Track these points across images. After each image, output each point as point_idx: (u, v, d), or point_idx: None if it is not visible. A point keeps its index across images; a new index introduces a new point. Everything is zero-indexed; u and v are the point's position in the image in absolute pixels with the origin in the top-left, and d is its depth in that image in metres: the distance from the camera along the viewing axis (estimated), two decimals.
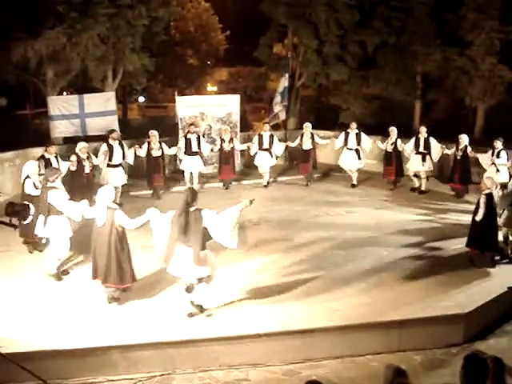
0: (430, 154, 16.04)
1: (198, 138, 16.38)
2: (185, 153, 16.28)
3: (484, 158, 15.01)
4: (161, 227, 8.55)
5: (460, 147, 15.48)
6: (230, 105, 18.84)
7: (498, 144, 14.59)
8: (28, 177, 11.29)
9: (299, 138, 17.31)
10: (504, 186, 11.80)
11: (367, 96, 23.54)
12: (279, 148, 17.44)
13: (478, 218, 10.43)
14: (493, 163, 14.57)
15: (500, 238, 10.96)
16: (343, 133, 17.28)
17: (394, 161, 16.56)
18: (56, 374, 7.52)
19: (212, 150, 17.00)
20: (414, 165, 16.43)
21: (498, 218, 10.78)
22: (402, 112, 22.73)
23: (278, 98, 20.34)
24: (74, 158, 13.62)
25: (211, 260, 8.67)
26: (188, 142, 16.19)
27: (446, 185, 16.43)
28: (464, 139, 15.44)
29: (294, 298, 9.27)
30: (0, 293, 9.44)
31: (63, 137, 17.79)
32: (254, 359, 7.99)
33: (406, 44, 20.37)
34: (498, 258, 10.84)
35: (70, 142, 16.51)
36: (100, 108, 17.87)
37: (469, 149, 15.34)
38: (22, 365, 7.17)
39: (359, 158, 17.03)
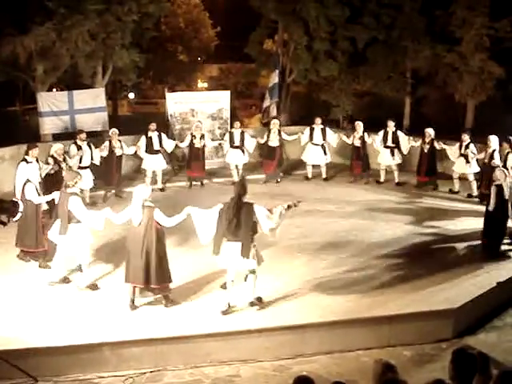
0: (398, 147, 16.50)
1: (160, 135, 15.92)
2: (146, 151, 15.79)
3: (452, 150, 15.67)
4: (205, 222, 8.63)
5: (427, 140, 15.98)
6: (221, 101, 18.81)
7: (466, 137, 15.26)
8: (29, 181, 10.47)
9: (266, 134, 17.01)
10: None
11: (357, 92, 23.60)
12: (250, 145, 17.04)
13: (491, 207, 11.12)
14: (461, 155, 15.26)
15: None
16: (308, 128, 17.20)
17: (361, 155, 16.77)
18: (47, 371, 7.50)
19: (177, 146, 16.62)
20: (384, 159, 16.77)
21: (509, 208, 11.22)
22: (392, 108, 22.76)
23: (267, 94, 20.33)
24: (51, 160, 13.29)
25: (258, 253, 8.75)
26: (149, 141, 15.72)
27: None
28: (430, 132, 16.00)
29: (284, 294, 9.29)
30: None
31: (53, 133, 17.68)
32: (244, 355, 8.00)
33: (396, 40, 20.40)
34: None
35: (60, 138, 16.40)
36: (90, 104, 17.81)
37: (435, 142, 15.86)
38: (13, 362, 7.19)
39: (325, 153, 17.00)
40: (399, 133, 16.66)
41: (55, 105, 17.43)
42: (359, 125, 16.78)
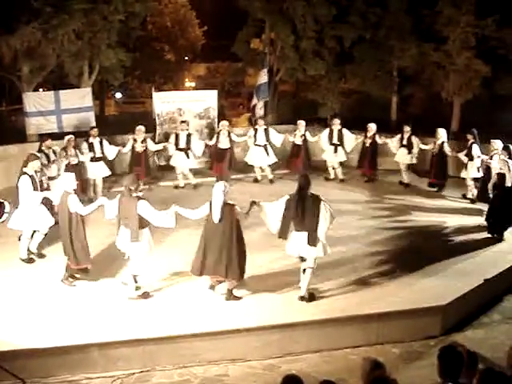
0: (342, 145, 16.79)
1: (101, 141, 15.12)
2: (91, 160, 15.08)
3: (394, 143, 16.48)
4: (273, 213, 9.04)
5: (369, 135, 16.65)
6: (208, 100, 18.76)
7: (407, 129, 16.20)
8: (68, 192, 9.74)
9: (216, 136, 16.66)
10: None
11: (344, 91, 23.63)
12: (198, 147, 16.45)
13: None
14: (403, 146, 16.22)
15: None
16: (252, 129, 16.97)
17: (301, 153, 16.91)
18: (35, 372, 7.48)
19: (120, 152, 15.60)
20: (329, 156, 17.03)
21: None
22: (379, 106, 22.86)
23: (255, 94, 20.30)
24: (63, 153, 13.58)
25: (326, 244, 9.11)
26: (91, 147, 14.81)
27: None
28: (372, 127, 16.66)
29: (273, 293, 9.30)
30: None
31: (39, 134, 17.57)
32: (233, 355, 8.01)
33: (383, 39, 20.45)
34: None
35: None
36: (76, 104, 17.72)
37: (377, 136, 16.58)
38: (0, 364, 7.14)
39: (268, 155, 16.76)
40: (344, 130, 16.92)
41: (41, 105, 17.33)
42: (301, 124, 17.03)
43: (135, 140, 15.63)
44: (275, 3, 20.76)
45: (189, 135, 16.21)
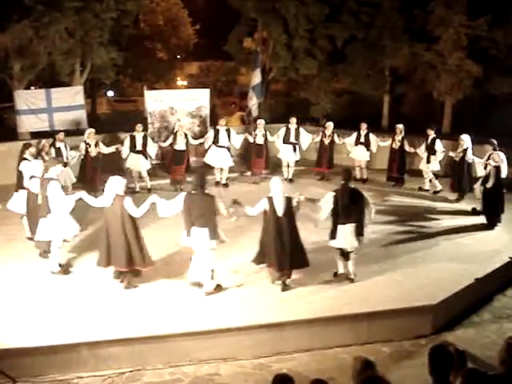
0: (299, 144, 17.07)
1: (65, 146, 14.53)
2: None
3: (350, 142, 17.13)
4: (326, 206, 9.48)
5: (327, 133, 17.06)
6: (200, 99, 18.73)
7: (364, 126, 16.87)
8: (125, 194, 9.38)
9: (172, 137, 16.21)
10: None
11: (337, 90, 23.68)
12: (152, 149, 16.11)
13: (489, 185, 12.66)
14: (360, 143, 16.88)
15: None
16: (212, 130, 16.80)
17: (263, 153, 16.94)
18: (24, 371, 7.44)
19: (72, 158, 14.68)
20: (285, 155, 17.19)
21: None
22: (371, 106, 22.90)
23: (251, 93, 20.34)
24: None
25: None
26: (58, 151, 14.14)
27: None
28: (331, 125, 17.10)
29: (263, 292, 9.30)
30: None
31: (30, 132, 17.52)
32: (224, 354, 8.00)
33: (375, 39, 20.52)
34: None
35: (38, 137, 16.20)
36: (68, 102, 17.68)
37: (335, 135, 17.10)
38: None
39: (231, 156, 16.72)
40: (301, 129, 17.19)
41: (33, 103, 17.28)
42: (261, 123, 17.11)
43: (88, 144, 14.85)
44: (268, 2, 20.79)
45: (145, 137, 15.84)
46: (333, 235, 9.57)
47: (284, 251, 9.15)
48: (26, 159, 11.37)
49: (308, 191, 13.34)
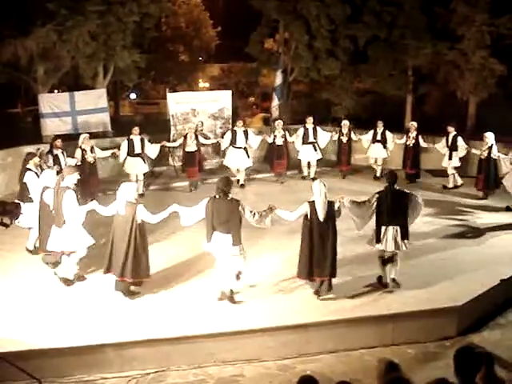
0: (317, 143, 17.27)
1: (63, 153, 14.03)
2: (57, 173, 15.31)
3: (365, 139, 17.53)
4: (361, 211, 9.47)
5: (344, 132, 17.35)
6: (222, 101, 18.78)
7: (380, 124, 17.24)
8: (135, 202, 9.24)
9: (182, 138, 16.28)
10: None
11: (359, 90, 23.56)
12: (153, 151, 15.96)
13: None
14: (376, 141, 17.26)
15: None
16: (229, 131, 16.90)
17: (285, 154, 17.04)
18: (50, 372, 7.51)
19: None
20: (306, 155, 17.32)
21: None
22: (393, 106, 22.75)
23: (274, 94, 20.51)
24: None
25: None
26: (56, 159, 13.81)
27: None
28: (347, 123, 17.52)
29: (287, 293, 9.29)
30: None
31: (55, 135, 17.68)
32: (248, 355, 8.01)
33: (397, 38, 20.36)
34: None
35: (62, 140, 16.33)
36: (91, 105, 17.86)
37: (352, 133, 17.55)
38: (16, 364, 7.19)
39: (248, 157, 16.67)
40: (318, 128, 17.36)
41: (57, 106, 17.48)
42: (280, 123, 17.19)
43: (84, 150, 14.52)
44: (289, 3, 20.76)
45: (142, 140, 15.64)
46: (377, 238, 9.42)
47: (324, 258, 9.01)
48: (29, 169, 10.97)
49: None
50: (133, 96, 39.48)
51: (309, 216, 9.00)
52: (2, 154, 15.99)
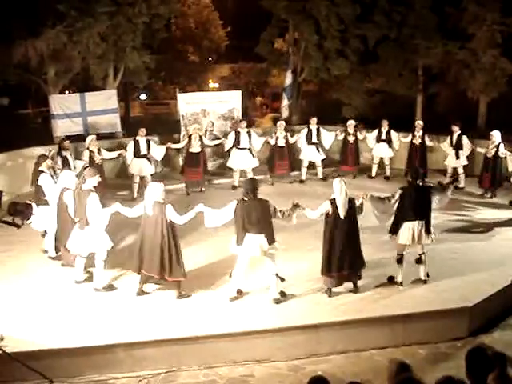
0: (321, 144, 17.25)
1: (71, 154, 14.15)
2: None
3: (370, 138, 17.54)
4: (383, 208, 9.64)
5: (351, 132, 17.22)
6: (232, 101, 18.80)
7: (385, 123, 17.27)
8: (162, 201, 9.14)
9: (187, 140, 16.09)
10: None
11: (369, 90, 23.50)
12: (159, 152, 15.93)
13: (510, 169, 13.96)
14: (381, 140, 17.26)
15: None
16: (232, 132, 16.73)
17: (286, 155, 16.96)
18: (61, 372, 7.55)
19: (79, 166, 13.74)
20: (310, 155, 17.24)
21: None
22: (404, 106, 22.68)
23: (284, 94, 20.56)
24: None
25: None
26: (65, 160, 13.77)
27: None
28: (352, 123, 17.38)
29: (297, 293, 9.28)
30: (3, 292, 9.44)
31: (66, 135, 17.74)
32: (258, 355, 8.01)
33: (407, 38, 20.29)
34: None
35: (73, 140, 16.38)
36: (102, 106, 17.94)
37: (358, 132, 17.49)
38: (28, 364, 7.23)
39: (253, 157, 16.61)
40: (321, 129, 17.30)
41: (67, 107, 17.57)
42: (282, 124, 17.14)
43: (91, 151, 14.39)
44: (299, 3, 20.71)
45: (148, 141, 15.56)
46: (394, 230, 9.60)
47: (348, 252, 9.11)
48: (42, 172, 10.86)
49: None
50: (143, 97, 39.59)
51: (330, 214, 9.06)
52: (13, 154, 16.02)
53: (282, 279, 9.34)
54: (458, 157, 16.13)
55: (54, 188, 10.45)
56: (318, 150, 17.18)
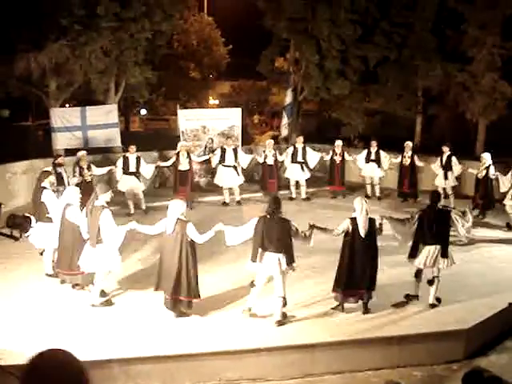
0: (306, 163, 17.27)
1: (65, 170, 13.99)
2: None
3: (360, 159, 17.67)
4: (402, 229, 9.68)
5: (337, 152, 17.40)
6: (232, 118, 18.88)
7: (374, 144, 17.47)
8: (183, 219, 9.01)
9: (175, 157, 16.00)
10: None
11: (368, 110, 23.63)
12: (148, 170, 15.83)
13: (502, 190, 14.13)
14: (370, 160, 17.43)
15: None
16: (219, 149, 16.84)
17: (275, 174, 17.04)
18: None
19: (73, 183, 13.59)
20: (294, 174, 17.33)
21: None
22: (403, 126, 22.80)
23: (284, 113, 20.68)
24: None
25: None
26: (59, 177, 13.55)
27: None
28: (340, 144, 17.54)
29: (293, 313, 9.24)
30: (0, 306, 9.40)
31: (65, 149, 17.80)
32: (254, 374, 7.97)
33: (408, 59, 20.45)
34: None
35: (73, 154, 16.42)
36: (102, 120, 17.99)
37: (346, 153, 17.70)
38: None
39: (238, 174, 16.68)
40: (307, 148, 17.39)
41: (68, 120, 17.61)
42: (270, 143, 17.32)
43: (82, 168, 14.38)
44: (300, 23, 20.87)
45: (138, 158, 15.44)
46: (413, 254, 9.62)
47: (364, 272, 9.11)
48: (45, 188, 10.67)
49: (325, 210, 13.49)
50: (143, 112, 39.72)
51: (350, 232, 9.07)
52: (13, 166, 16.02)
53: (285, 302, 9.18)
54: (446, 177, 16.16)
55: (57, 204, 10.34)
56: (303, 169, 17.18)
